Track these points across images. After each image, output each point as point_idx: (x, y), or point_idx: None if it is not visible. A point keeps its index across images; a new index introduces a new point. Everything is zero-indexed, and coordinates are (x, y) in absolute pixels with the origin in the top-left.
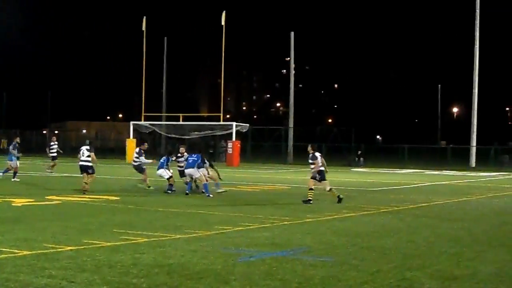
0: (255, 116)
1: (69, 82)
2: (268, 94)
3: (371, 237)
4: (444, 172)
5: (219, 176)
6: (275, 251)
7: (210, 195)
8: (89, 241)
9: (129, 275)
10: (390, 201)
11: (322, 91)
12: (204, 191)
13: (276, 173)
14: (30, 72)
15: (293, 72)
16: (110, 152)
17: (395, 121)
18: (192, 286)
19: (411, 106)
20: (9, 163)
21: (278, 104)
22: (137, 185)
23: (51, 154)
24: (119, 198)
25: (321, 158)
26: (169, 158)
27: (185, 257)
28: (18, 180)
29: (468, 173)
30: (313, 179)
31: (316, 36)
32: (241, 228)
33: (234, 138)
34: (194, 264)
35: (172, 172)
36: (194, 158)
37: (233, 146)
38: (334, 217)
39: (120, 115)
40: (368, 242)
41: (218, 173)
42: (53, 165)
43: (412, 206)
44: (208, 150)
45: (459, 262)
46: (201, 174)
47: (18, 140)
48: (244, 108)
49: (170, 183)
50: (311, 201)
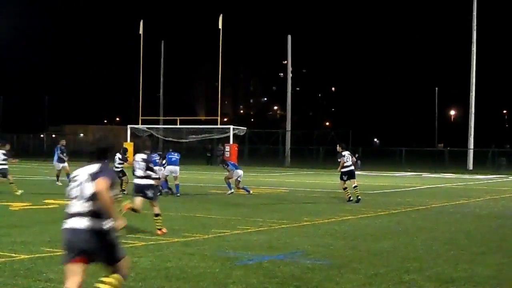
0: (253, 119)
1: (66, 86)
2: (265, 97)
3: (369, 240)
4: (442, 175)
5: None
6: (273, 254)
7: (178, 194)
8: None
9: (127, 279)
10: (388, 204)
11: (319, 94)
12: (176, 191)
13: (274, 176)
14: (27, 76)
15: (290, 75)
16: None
17: (392, 124)
18: None
19: (408, 109)
20: (60, 165)
21: (276, 107)
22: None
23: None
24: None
25: (351, 157)
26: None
27: (183, 261)
28: (60, 184)
29: (466, 176)
30: (342, 180)
31: (313, 39)
32: (239, 232)
33: (232, 141)
34: (192, 268)
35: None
36: (176, 156)
37: (231, 150)
38: (332, 220)
39: (118, 119)
40: (366, 245)
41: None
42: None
43: (410, 209)
44: (206, 153)
45: (457, 265)
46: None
47: (64, 143)
48: (242, 111)
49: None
50: (352, 199)
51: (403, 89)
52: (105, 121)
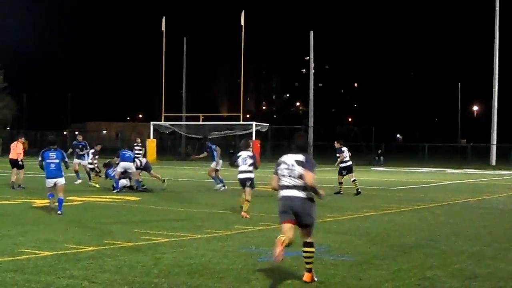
0: (275, 116)
1: (89, 83)
2: (288, 94)
3: (392, 236)
4: (465, 171)
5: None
6: (296, 251)
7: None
8: (110, 242)
9: (150, 275)
10: (411, 200)
11: (342, 90)
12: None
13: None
14: (50, 73)
15: (313, 71)
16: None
17: (415, 120)
18: (213, 286)
19: (431, 105)
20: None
21: (298, 104)
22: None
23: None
24: (140, 198)
25: (348, 152)
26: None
27: (206, 257)
28: (80, 182)
29: (489, 172)
30: (340, 175)
31: (336, 35)
32: (262, 228)
33: (254, 138)
34: (215, 264)
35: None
36: (130, 154)
37: (253, 146)
38: (355, 217)
39: (140, 116)
40: (389, 241)
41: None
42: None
43: (433, 205)
44: (229, 150)
45: (480, 261)
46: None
47: (80, 138)
48: (264, 108)
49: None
50: (342, 193)
51: (426, 85)
52: (128, 118)
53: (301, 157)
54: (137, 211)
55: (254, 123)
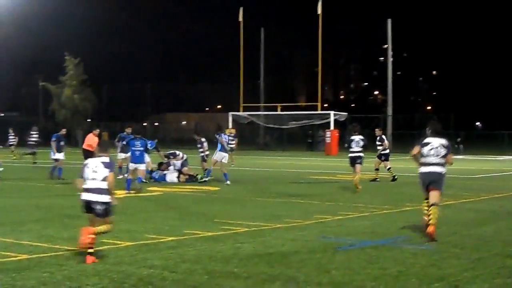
0: (353, 105)
1: (167, 74)
2: (366, 82)
3: (471, 225)
4: None
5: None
6: (375, 240)
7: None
8: (190, 232)
9: (230, 265)
10: (490, 188)
11: (421, 78)
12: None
13: (375, 162)
14: (130, 65)
15: (391, 60)
16: (209, 143)
17: (495, 107)
18: (292, 275)
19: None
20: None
21: (376, 92)
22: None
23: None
24: (219, 189)
25: (386, 141)
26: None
27: (285, 246)
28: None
29: None
30: (379, 159)
31: (414, 23)
32: (341, 217)
33: (332, 127)
34: (294, 253)
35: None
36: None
37: (332, 135)
38: None
39: (219, 106)
40: (468, 230)
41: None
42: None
43: None
44: (307, 140)
45: None
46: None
47: (129, 130)
48: (342, 97)
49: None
50: (378, 180)
51: (506, 72)
52: (207, 109)
53: (445, 142)
54: (217, 201)
55: (332, 112)
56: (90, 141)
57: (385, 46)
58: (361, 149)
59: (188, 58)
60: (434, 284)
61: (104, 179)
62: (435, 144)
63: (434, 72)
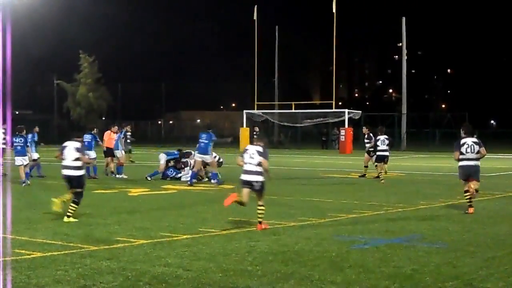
0: (368, 103)
1: (183, 72)
2: (381, 81)
3: (486, 224)
4: None
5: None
6: (389, 238)
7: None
8: (204, 230)
9: (244, 263)
10: (505, 187)
11: (435, 76)
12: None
13: (390, 160)
14: (144, 63)
15: (405, 58)
16: (224, 141)
17: (510, 106)
18: (307, 273)
19: None
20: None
21: (391, 90)
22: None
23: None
24: (234, 187)
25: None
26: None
27: (299, 245)
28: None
29: None
30: (368, 155)
31: (428, 21)
32: (355, 216)
33: (347, 125)
34: (308, 252)
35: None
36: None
37: (346, 134)
38: (448, 204)
39: (233, 104)
40: (483, 229)
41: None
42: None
43: None
44: (321, 138)
45: None
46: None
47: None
48: (356, 95)
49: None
50: (365, 176)
51: None
52: (221, 107)
53: (477, 140)
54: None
55: (347, 111)
56: (108, 138)
57: (400, 44)
58: (387, 148)
59: (203, 56)
60: (449, 283)
61: (259, 164)
62: (469, 143)
63: (449, 70)
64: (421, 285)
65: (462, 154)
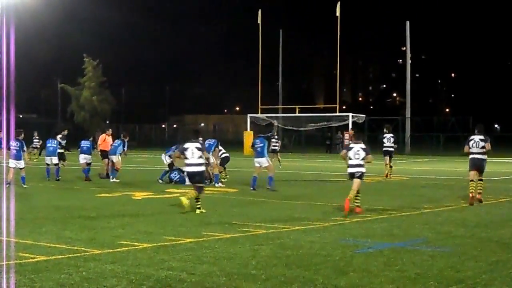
0: (372, 107)
1: (186, 76)
2: (384, 85)
3: (490, 227)
4: None
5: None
6: (393, 242)
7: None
8: (208, 233)
9: (248, 267)
10: (509, 191)
11: (439, 80)
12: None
13: (394, 164)
14: (148, 67)
15: (409, 62)
16: (228, 145)
17: None
18: (310, 277)
19: None
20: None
21: (395, 94)
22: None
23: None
24: (238, 190)
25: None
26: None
27: (303, 249)
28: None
29: None
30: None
31: (432, 25)
32: (359, 219)
33: (351, 129)
34: (312, 256)
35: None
36: (87, 145)
37: (350, 137)
38: (452, 208)
39: (237, 108)
40: (487, 233)
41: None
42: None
43: None
44: (325, 141)
45: None
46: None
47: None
48: (360, 99)
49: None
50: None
51: None
52: (225, 111)
53: (483, 137)
54: (235, 203)
55: (351, 114)
56: (103, 141)
57: (404, 48)
58: (392, 145)
59: (207, 60)
60: (452, 287)
61: (363, 159)
62: (476, 139)
63: (453, 74)
64: None
65: (471, 149)
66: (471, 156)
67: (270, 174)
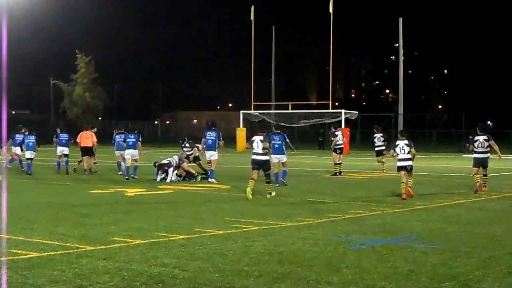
0: (364, 103)
1: (179, 73)
2: (377, 81)
3: (482, 224)
4: None
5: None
6: (386, 239)
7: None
8: (201, 230)
9: (241, 263)
10: (502, 187)
11: (432, 77)
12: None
13: (387, 160)
14: (141, 63)
15: (402, 58)
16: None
17: (506, 106)
18: (303, 274)
19: None
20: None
21: (387, 91)
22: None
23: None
24: (230, 187)
25: (342, 136)
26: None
27: (296, 245)
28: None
29: None
30: (335, 153)
31: (425, 22)
32: (351, 216)
33: (344, 126)
34: (305, 252)
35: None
36: (133, 139)
37: (343, 134)
38: (445, 204)
39: (230, 105)
40: (479, 229)
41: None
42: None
43: None
44: (318, 138)
45: None
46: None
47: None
48: (353, 95)
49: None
50: (337, 174)
51: None
52: (218, 108)
53: (486, 137)
54: (228, 200)
55: (344, 111)
56: (85, 137)
57: (397, 45)
58: (383, 144)
59: (200, 57)
60: (445, 283)
61: (409, 152)
62: (481, 140)
63: (446, 71)
64: (418, 286)
65: (475, 148)
66: (477, 156)
67: (285, 169)
